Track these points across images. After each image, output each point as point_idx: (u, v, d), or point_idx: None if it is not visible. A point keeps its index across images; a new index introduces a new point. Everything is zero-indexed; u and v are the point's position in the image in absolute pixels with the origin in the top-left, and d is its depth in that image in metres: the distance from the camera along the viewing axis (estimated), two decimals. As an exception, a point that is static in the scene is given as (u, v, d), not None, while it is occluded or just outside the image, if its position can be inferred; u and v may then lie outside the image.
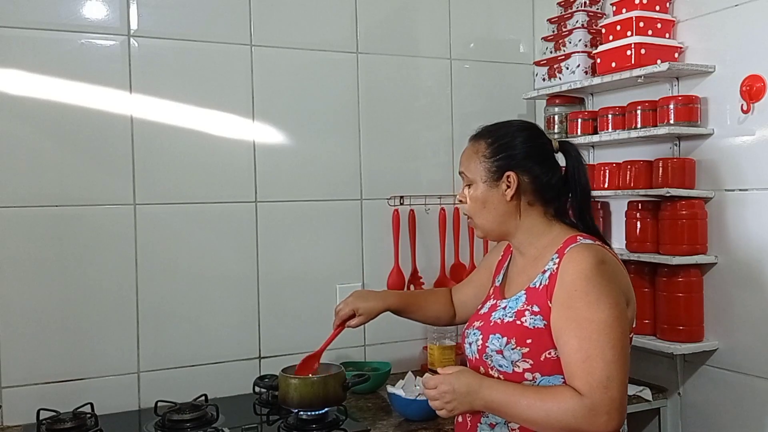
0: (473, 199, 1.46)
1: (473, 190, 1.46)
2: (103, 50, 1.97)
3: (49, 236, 1.91)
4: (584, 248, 1.34)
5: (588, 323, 1.26)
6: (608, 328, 1.25)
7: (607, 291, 1.28)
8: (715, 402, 1.96)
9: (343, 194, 2.28)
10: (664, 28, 2.04)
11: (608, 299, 1.27)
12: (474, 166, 1.46)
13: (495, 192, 1.43)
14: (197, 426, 1.78)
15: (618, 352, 1.25)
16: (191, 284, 2.07)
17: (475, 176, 1.45)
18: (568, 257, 1.33)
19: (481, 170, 1.44)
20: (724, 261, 1.92)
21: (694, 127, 1.95)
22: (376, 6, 2.31)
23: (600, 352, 1.24)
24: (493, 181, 1.43)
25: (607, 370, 1.23)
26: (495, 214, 1.44)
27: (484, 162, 1.44)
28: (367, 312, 1.72)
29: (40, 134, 1.90)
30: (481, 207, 1.45)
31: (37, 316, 1.90)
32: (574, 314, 1.28)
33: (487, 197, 1.44)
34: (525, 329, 1.35)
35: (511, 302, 1.41)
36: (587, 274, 1.29)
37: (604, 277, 1.29)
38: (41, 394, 1.88)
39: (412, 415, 1.84)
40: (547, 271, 1.36)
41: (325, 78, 2.24)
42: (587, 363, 1.24)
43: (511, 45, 2.57)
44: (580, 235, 1.40)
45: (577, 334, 1.27)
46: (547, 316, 1.33)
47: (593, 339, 1.25)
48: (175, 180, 2.05)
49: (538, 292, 1.36)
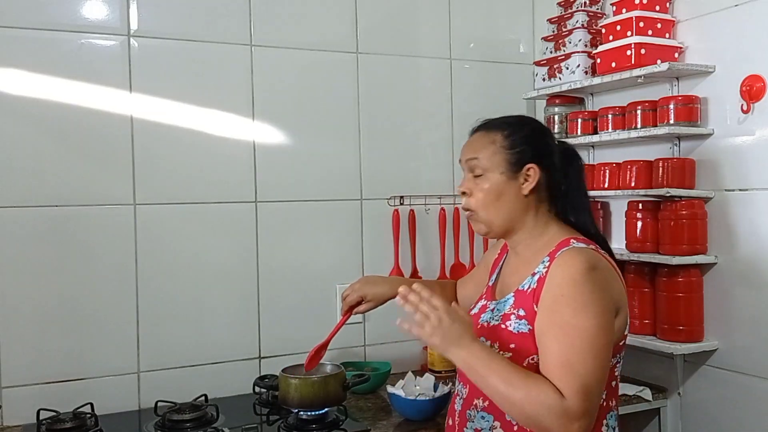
0: (486, 191, 1.36)
1: (486, 182, 1.37)
2: (103, 50, 1.97)
3: (49, 236, 1.91)
4: (576, 252, 1.29)
5: (572, 329, 1.21)
6: (592, 337, 1.20)
7: (595, 298, 1.23)
8: (715, 402, 1.96)
9: (343, 194, 2.28)
10: (664, 28, 2.04)
11: (595, 307, 1.22)
12: (491, 155, 1.36)
13: (512, 185, 1.36)
14: (197, 426, 1.78)
15: (599, 363, 1.21)
16: (191, 284, 2.07)
17: (491, 165, 1.36)
18: (558, 261, 1.28)
19: (500, 160, 1.36)
20: (724, 261, 1.92)
21: (694, 127, 1.94)
22: (376, 6, 2.31)
23: (581, 360, 1.19)
24: (512, 173, 1.36)
25: (586, 378, 1.19)
26: (508, 208, 1.37)
27: (503, 152, 1.36)
28: (376, 298, 1.68)
29: (40, 134, 1.90)
30: (494, 200, 1.36)
31: (37, 316, 1.90)
32: (558, 319, 1.23)
33: (503, 189, 1.36)
34: (509, 333, 1.31)
35: (499, 304, 1.38)
36: (576, 279, 1.24)
37: (594, 283, 1.24)
38: (41, 394, 1.88)
39: (412, 415, 1.84)
40: (537, 274, 1.32)
41: (325, 78, 2.24)
42: (566, 368, 1.19)
43: (511, 45, 2.57)
44: (573, 238, 1.35)
45: (559, 339, 1.22)
46: (533, 321, 1.28)
47: (576, 346, 1.20)
48: (175, 180, 2.05)
49: (525, 296, 1.32)
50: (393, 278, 1.80)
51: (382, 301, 1.69)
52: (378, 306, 1.70)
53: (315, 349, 1.77)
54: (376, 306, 1.69)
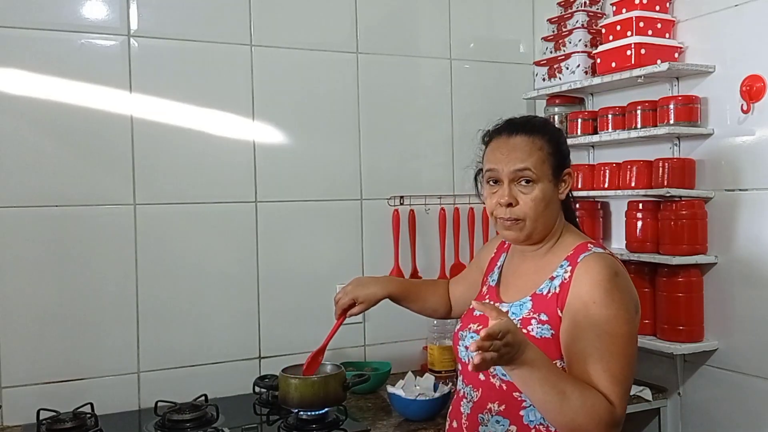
0: (537, 199, 1.35)
1: (536, 190, 1.35)
2: (103, 50, 1.97)
3: (49, 236, 1.91)
4: (599, 258, 1.31)
5: (608, 337, 1.24)
6: (626, 343, 1.25)
7: (625, 305, 1.27)
8: (715, 402, 1.96)
9: (343, 194, 2.28)
10: (664, 28, 2.04)
11: (626, 314, 1.26)
12: (541, 163, 1.35)
13: (555, 191, 1.38)
14: (197, 426, 1.78)
15: (633, 368, 1.26)
16: (191, 284, 2.07)
17: (541, 174, 1.35)
18: (583, 267, 1.30)
19: (547, 168, 1.36)
20: (724, 261, 1.92)
21: (694, 127, 1.94)
22: (376, 6, 2.31)
23: (620, 367, 1.23)
24: (556, 179, 1.38)
25: (626, 384, 1.24)
26: (552, 215, 1.39)
27: (550, 159, 1.36)
28: (368, 300, 1.68)
29: (40, 134, 1.90)
30: (544, 207, 1.36)
31: (37, 316, 1.90)
32: (594, 327, 1.24)
33: (552, 197, 1.37)
34: (532, 338, 1.28)
35: (513, 308, 1.37)
36: (605, 286, 1.26)
37: (621, 289, 1.28)
38: (41, 394, 1.88)
39: (412, 415, 1.84)
40: (557, 278, 1.33)
41: (325, 78, 2.24)
42: (609, 376, 1.22)
43: (511, 45, 2.57)
44: (589, 242, 1.37)
45: (597, 347, 1.23)
46: (556, 326, 1.30)
47: (614, 353, 1.23)
48: (175, 180, 2.05)
49: (546, 300, 1.33)
50: (384, 278, 1.80)
51: (375, 302, 1.69)
52: (371, 307, 1.70)
53: (312, 355, 1.77)
54: (368, 307, 1.69)
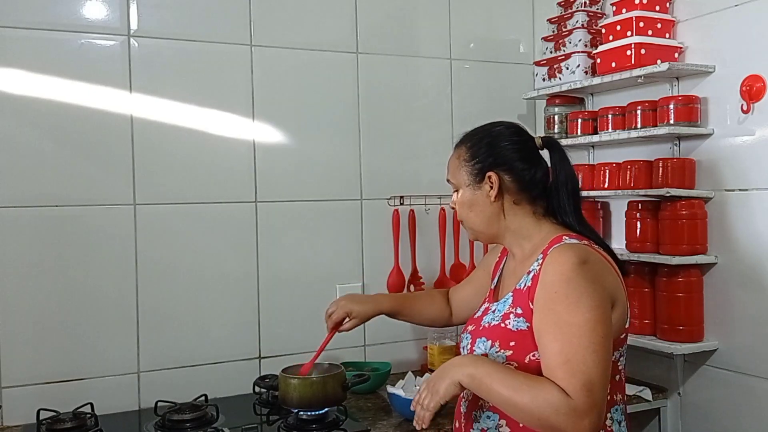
0: (460, 203, 1.47)
1: (460, 195, 1.47)
2: (103, 50, 1.97)
3: (49, 236, 1.91)
4: (567, 248, 1.31)
5: (568, 326, 1.23)
6: (589, 332, 1.22)
7: (588, 292, 1.24)
8: (715, 402, 1.96)
9: (343, 194, 2.28)
10: (664, 28, 2.04)
11: (589, 301, 1.24)
12: (457, 172, 1.47)
13: (480, 194, 1.44)
14: (197, 426, 1.78)
15: (599, 356, 1.21)
16: (191, 284, 2.07)
17: (459, 181, 1.47)
18: (549, 258, 1.31)
19: (464, 174, 1.45)
20: (724, 261, 1.92)
21: (694, 127, 1.94)
22: (376, 6, 2.31)
23: (581, 356, 1.20)
24: (476, 184, 1.44)
25: (588, 374, 1.19)
26: (482, 216, 1.45)
27: (465, 166, 1.45)
28: (360, 316, 1.73)
29: (40, 134, 1.90)
30: (468, 210, 1.46)
31: (37, 316, 1.90)
32: (554, 317, 1.25)
33: (473, 200, 1.45)
34: (509, 332, 1.33)
35: (499, 305, 1.41)
36: (568, 275, 1.26)
37: (586, 278, 1.26)
38: (41, 394, 1.88)
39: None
40: (531, 272, 1.35)
41: (325, 78, 2.24)
42: (567, 367, 1.21)
43: (511, 45, 2.57)
44: (566, 235, 1.38)
45: (557, 338, 1.23)
46: (530, 318, 1.31)
47: (573, 343, 1.21)
48: (175, 180, 2.05)
49: (522, 294, 1.35)
50: (377, 296, 1.87)
51: (366, 319, 1.75)
52: (362, 323, 1.75)
53: (304, 368, 1.79)
54: (360, 324, 1.75)
